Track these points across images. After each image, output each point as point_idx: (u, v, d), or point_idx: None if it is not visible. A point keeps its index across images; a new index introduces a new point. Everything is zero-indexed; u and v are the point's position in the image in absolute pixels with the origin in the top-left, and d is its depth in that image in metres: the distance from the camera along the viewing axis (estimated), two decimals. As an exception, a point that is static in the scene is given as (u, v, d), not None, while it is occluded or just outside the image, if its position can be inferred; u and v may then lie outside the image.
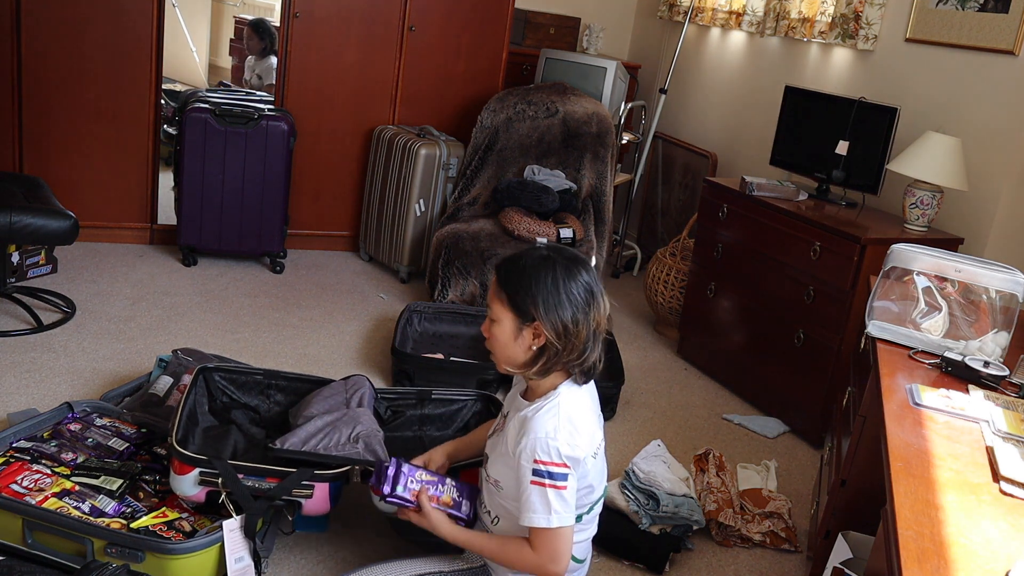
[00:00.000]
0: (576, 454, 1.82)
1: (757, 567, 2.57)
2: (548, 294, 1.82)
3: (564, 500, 1.80)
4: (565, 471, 1.79)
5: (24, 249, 3.70)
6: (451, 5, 4.55)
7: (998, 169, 3.26)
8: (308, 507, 2.21)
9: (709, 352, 3.84)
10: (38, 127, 4.04)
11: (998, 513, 1.44)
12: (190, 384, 2.50)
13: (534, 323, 1.83)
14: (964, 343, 2.12)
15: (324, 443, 2.25)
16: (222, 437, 2.46)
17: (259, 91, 4.71)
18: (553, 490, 1.79)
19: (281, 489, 2.17)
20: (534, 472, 1.79)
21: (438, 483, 2.05)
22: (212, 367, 2.60)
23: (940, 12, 3.48)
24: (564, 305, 1.82)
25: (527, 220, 3.98)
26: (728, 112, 4.74)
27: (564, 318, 1.82)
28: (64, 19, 3.94)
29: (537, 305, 1.81)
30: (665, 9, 5.18)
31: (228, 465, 2.15)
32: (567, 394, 1.88)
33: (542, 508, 1.79)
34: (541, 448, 1.79)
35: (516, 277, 1.85)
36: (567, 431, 1.82)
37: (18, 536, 2.08)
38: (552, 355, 1.84)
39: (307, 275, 4.33)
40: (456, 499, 2.05)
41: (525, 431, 1.83)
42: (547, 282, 1.82)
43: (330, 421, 2.33)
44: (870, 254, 3.06)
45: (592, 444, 1.88)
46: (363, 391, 2.50)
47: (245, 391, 2.63)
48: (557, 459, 1.79)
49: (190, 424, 2.41)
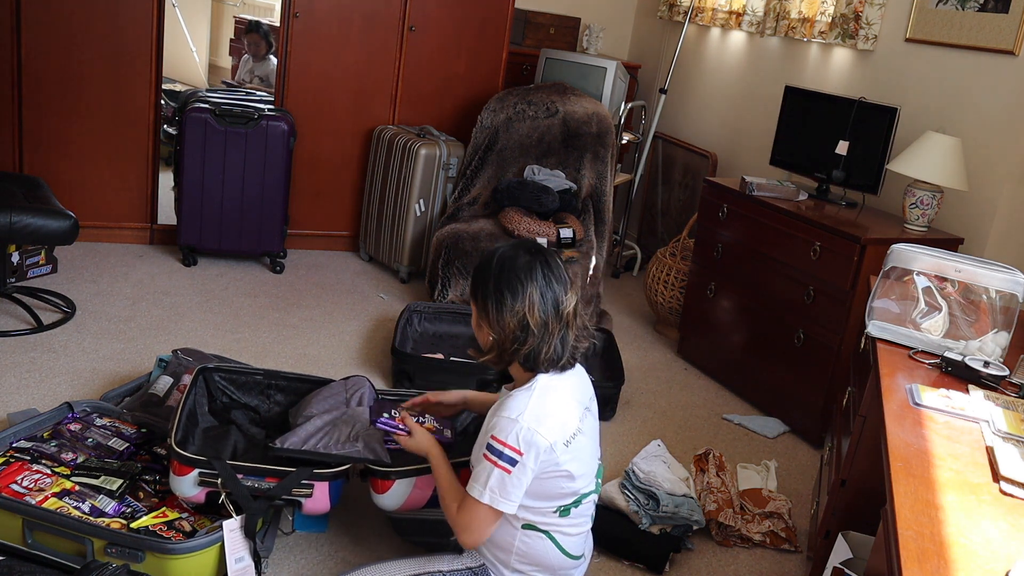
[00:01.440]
0: (535, 440, 1.84)
1: (757, 567, 2.57)
2: (491, 287, 1.92)
3: (503, 483, 1.84)
4: (515, 456, 1.83)
5: (24, 249, 3.70)
6: (451, 5, 4.55)
7: (998, 169, 3.26)
8: (308, 506, 2.21)
9: (709, 352, 3.84)
10: (38, 127, 4.04)
11: (998, 513, 1.44)
12: (189, 384, 2.50)
13: (487, 317, 1.94)
14: (964, 343, 2.12)
15: (324, 442, 2.25)
16: (222, 437, 2.46)
17: (258, 90, 4.71)
18: (497, 469, 1.84)
19: (281, 488, 2.17)
20: (488, 447, 1.86)
21: (419, 416, 2.27)
22: (212, 367, 2.61)
23: (940, 12, 3.48)
24: (506, 297, 1.91)
25: (527, 220, 3.98)
26: (728, 112, 4.74)
27: (506, 308, 1.91)
28: (64, 19, 3.94)
29: (486, 299, 1.93)
30: (665, 9, 5.18)
31: (227, 465, 2.15)
32: (544, 381, 1.93)
33: (481, 480, 1.86)
34: (501, 427, 1.86)
35: (477, 272, 1.98)
36: (532, 416, 1.86)
37: (18, 536, 2.08)
38: (506, 348, 1.92)
39: (307, 275, 4.33)
40: (438, 426, 2.26)
41: (496, 411, 1.90)
42: (494, 275, 1.93)
43: (330, 420, 2.33)
44: (870, 254, 3.06)
45: (563, 432, 1.90)
46: (363, 391, 2.50)
47: (245, 391, 2.63)
48: (513, 442, 1.84)
49: (189, 425, 2.41)
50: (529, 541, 1.96)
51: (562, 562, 1.99)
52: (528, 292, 1.90)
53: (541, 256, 1.94)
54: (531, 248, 1.96)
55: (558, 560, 1.98)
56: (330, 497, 2.23)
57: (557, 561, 1.98)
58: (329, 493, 2.22)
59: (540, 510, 1.93)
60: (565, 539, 1.98)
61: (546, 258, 1.94)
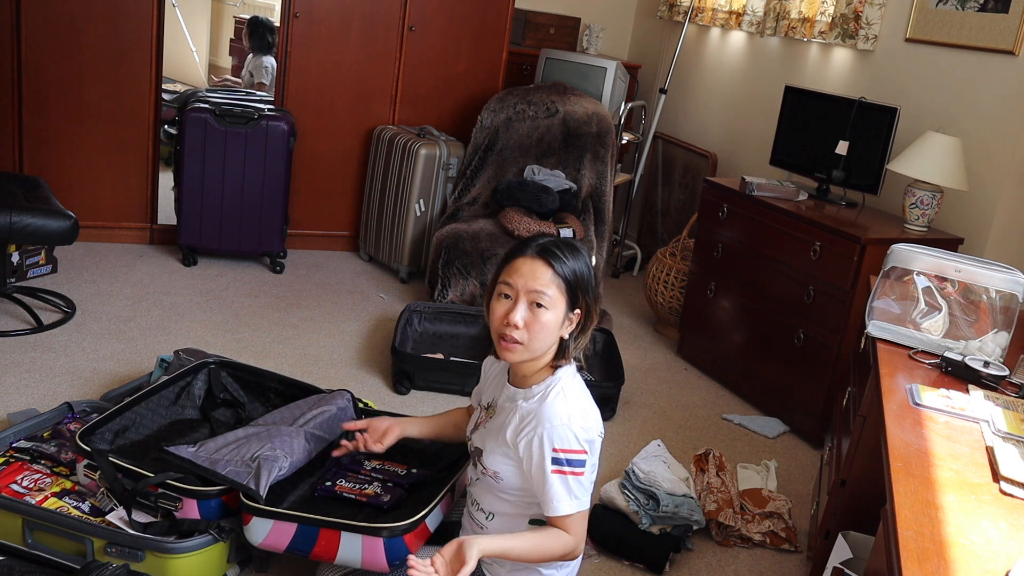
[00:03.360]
0: (591, 436, 1.82)
1: (757, 567, 2.57)
2: (591, 281, 1.87)
3: (583, 485, 1.81)
4: (583, 457, 1.79)
5: (24, 249, 3.70)
6: (451, 5, 4.55)
7: (998, 169, 3.26)
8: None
9: (709, 352, 3.84)
10: (38, 127, 4.04)
11: (998, 513, 1.44)
12: (176, 375, 2.50)
13: (576, 310, 1.85)
14: (964, 343, 2.12)
15: (225, 456, 2.12)
16: (186, 433, 2.43)
17: (251, 90, 4.71)
18: (573, 477, 1.79)
19: (135, 492, 2.07)
20: (554, 461, 1.78)
21: (361, 482, 2.17)
22: (223, 361, 2.63)
23: (940, 12, 3.48)
24: (597, 291, 1.88)
25: (527, 220, 3.98)
26: (728, 112, 4.74)
27: (597, 303, 1.89)
28: (64, 19, 3.95)
29: (587, 292, 1.85)
30: (665, 9, 5.18)
31: (108, 461, 2.09)
32: (568, 378, 1.87)
33: (566, 496, 1.79)
34: (558, 436, 1.78)
35: (571, 264, 1.84)
36: (580, 415, 1.82)
37: (18, 536, 2.08)
38: (577, 339, 1.88)
39: (307, 275, 4.33)
40: (377, 491, 2.15)
41: (538, 420, 1.81)
42: (589, 268, 1.88)
43: (249, 434, 2.21)
44: (870, 254, 3.06)
45: (600, 424, 1.88)
46: (328, 410, 2.35)
47: (249, 391, 2.64)
48: (576, 446, 1.79)
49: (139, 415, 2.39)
50: None
51: None
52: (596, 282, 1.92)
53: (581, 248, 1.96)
54: (572, 244, 1.93)
55: None
56: (201, 515, 2.07)
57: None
58: (200, 512, 2.07)
59: None
60: None
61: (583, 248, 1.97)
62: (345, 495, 2.14)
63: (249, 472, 2.06)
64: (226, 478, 2.05)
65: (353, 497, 2.13)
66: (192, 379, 2.59)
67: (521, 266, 1.83)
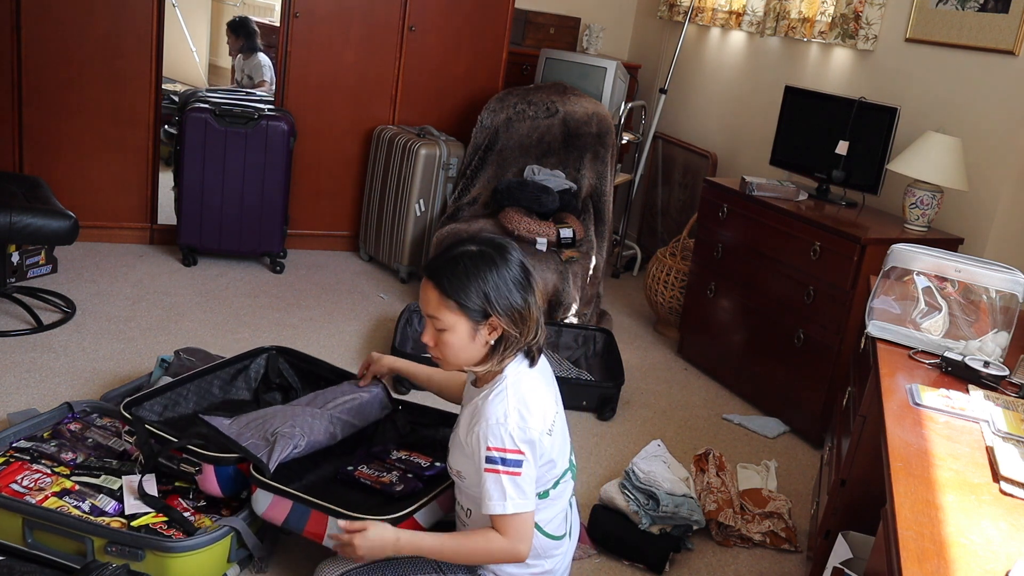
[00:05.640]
0: (530, 436, 1.82)
1: (757, 567, 2.57)
2: (496, 287, 1.84)
3: (518, 486, 1.80)
4: (519, 457, 1.80)
5: (24, 249, 3.70)
6: (451, 5, 4.55)
7: (998, 169, 3.26)
8: (202, 486, 2.21)
9: (709, 352, 3.84)
10: (38, 127, 4.04)
11: (998, 513, 1.44)
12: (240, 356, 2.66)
13: (489, 319, 1.85)
14: (964, 343, 2.12)
15: (252, 430, 2.22)
16: (234, 412, 2.49)
17: (252, 89, 4.71)
18: (507, 476, 1.79)
19: (158, 453, 2.22)
20: (487, 459, 1.80)
21: (382, 470, 2.23)
22: (281, 348, 2.75)
23: (940, 12, 3.49)
24: (513, 292, 1.85)
25: (527, 220, 3.98)
26: (728, 112, 4.74)
27: (516, 304, 1.85)
28: (64, 19, 3.94)
29: (490, 301, 1.83)
30: (665, 9, 5.18)
31: (144, 428, 2.24)
32: (514, 376, 1.88)
33: (498, 495, 1.80)
34: (493, 434, 1.80)
35: (459, 281, 1.84)
36: (517, 414, 1.82)
37: (18, 536, 2.08)
38: (509, 343, 1.87)
39: (307, 275, 4.33)
40: (397, 477, 2.21)
41: (477, 418, 1.85)
42: (492, 276, 1.84)
43: (276, 412, 2.31)
44: (870, 254, 3.06)
45: (545, 422, 1.87)
46: (360, 398, 2.42)
47: (303, 378, 2.72)
48: (510, 445, 1.80)
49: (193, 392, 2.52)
50: None
51: (546, 544, 1.98)
52: (520, 284, 1.86)
53: (509, 244, 1.91)
54: (495, 242, 1.91)
55: (542, 543, 1.97)
56: (219, 482, 2.18)
57: (541, 544, 1.97)
58: (217, 478, 2.17)
59: None
60: (546, 522, 1.97)
61: (511, 244, 1.92)
62: (362, 480, 2.20)
63: (266, 446, 2.16)
64: (242, 448, 2.15)
65: (369, 483, 2.19)
66: (251, 362, 2.71)
67: (421, 289, 1.90)
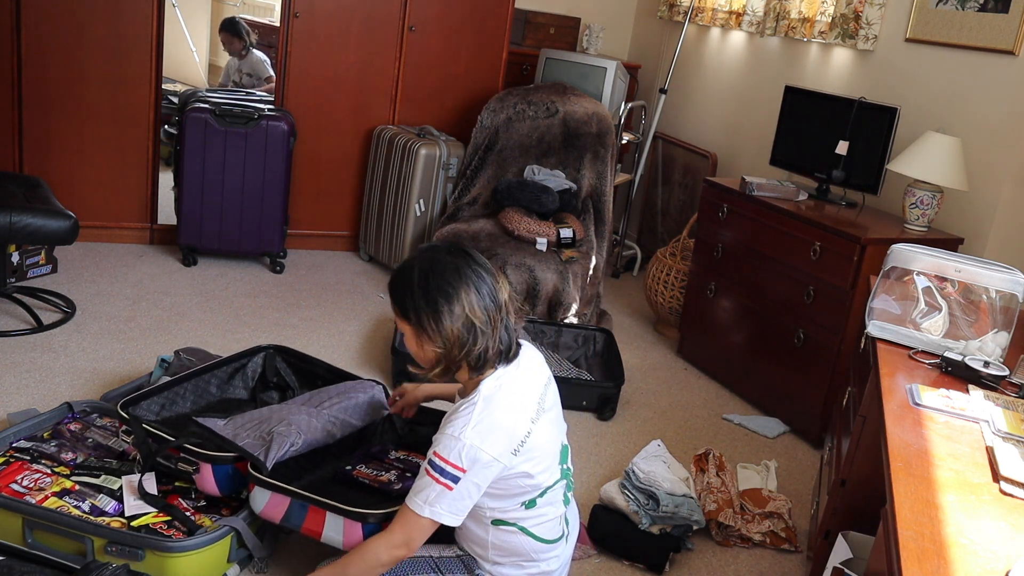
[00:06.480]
0: (479, 456, 1.81)
1: (757, 567, 2.57)
2: (421, 301, 1.86)
3: (445, 499, 1.81)
4: (458, 473, 1.80)
5: (24, 249, 3.70)
6: (451, 5, 4.55)
7: (998, 169, 3.26)
8: (200, 485, 2.22)
9: (709, 352, 3.84)
10: (38, 127, 4.04)
11: (998, 513, 1.44)
12: (238, 355, 2.66)
13: (425, 332, 1.88)
14: (964, 343, 2.12)
15: (248, 430, 2.24)
16: (231, 411, 2.50)
17: (258, 88, 4.71)
18: (439, 485, 1.81)
19: (156, 453, 2.23)
20: (430, 463, 1.83)
21: (381, 469, 2.25)
22: (278, 347, 2.75)
23: (940, 12, 3.49)
24: (442, 309, 1.85)
25: (527, 220, 3.98)
26: (728, 112, 4.74)
27: (447, 323, 1.86)
28: (64, 19, 3.95)
29: (419, 313, 1.86)
30: (665, 9, 5.18)
31: (141, 428, 2.25)
32: (488, 391, 1.87)
33: (423, 494, 1.82)
34: (444, 445, 1.82)
35: (400, 290, 1.90)
36: (475, 433, 1.81)
37: (18, 536, 2.08)
38: (455, 356, 1.88)
39: (307, 275, 4.33)
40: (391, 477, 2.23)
41: (442, 426, 1.87)
42: (419, 290, 1.86)
43: (273, 412, 2.32)
44: (870, 254, 3.06)
45: (510, 442, 1.85)
46: (357, 398, 2.43)
47: (300, 377, 2.73)
48: (455, 460, 1.80)
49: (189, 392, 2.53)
50: (502, 535, 1.96)
51: (539, 548, 1.99)
52: (465, 292, 1.85)
53: (461, 252, 1.90)
54: (448, 249, 1.91)
55: (535, 547, 1.98)
56: (217, 481, 2.19)
57: (534, 548, 1.98)
58: (215, 476, 2.18)
59: (504, 508, 1.93)
60: (537, 527, 1.97)
61: (466, 252, 1.91)
62: (360, 479, 2.22)
63: (262, 445, 2.17)
64: (239, 447, 2.17)
65: (367, 482, 2.21)
66: (248, 361, 2.73)
67: None
